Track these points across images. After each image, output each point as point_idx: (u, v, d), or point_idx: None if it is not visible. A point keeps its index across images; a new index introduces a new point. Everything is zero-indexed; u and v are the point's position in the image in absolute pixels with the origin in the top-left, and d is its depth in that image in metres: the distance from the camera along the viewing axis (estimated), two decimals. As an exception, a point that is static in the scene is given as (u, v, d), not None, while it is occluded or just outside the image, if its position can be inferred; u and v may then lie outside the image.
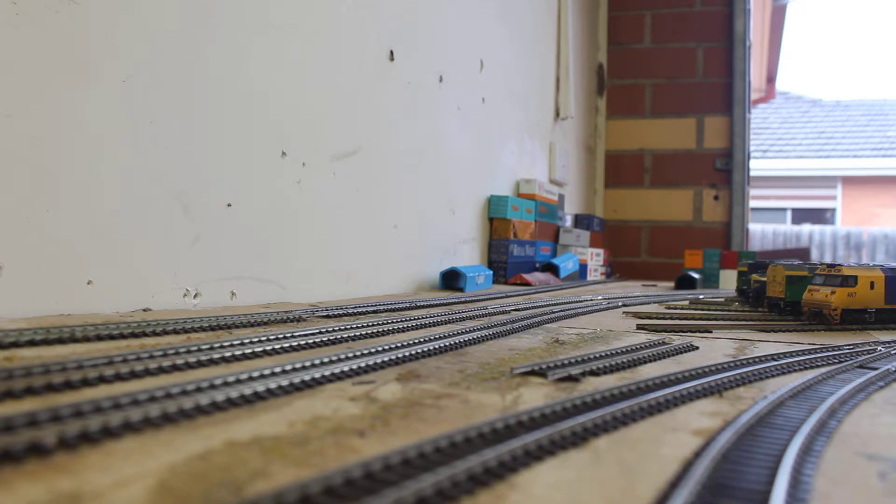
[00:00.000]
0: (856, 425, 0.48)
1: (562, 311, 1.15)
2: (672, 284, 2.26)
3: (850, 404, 0.54)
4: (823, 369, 0.66)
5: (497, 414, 0.46)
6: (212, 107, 0.98)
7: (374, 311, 1.01)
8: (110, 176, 0.83)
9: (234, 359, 0.59)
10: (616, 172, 3.16)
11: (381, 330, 0.80)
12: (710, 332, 0.99)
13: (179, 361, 0.55)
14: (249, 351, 0.61)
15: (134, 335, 0.66)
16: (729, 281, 2.15)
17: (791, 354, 0.74)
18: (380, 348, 0.64)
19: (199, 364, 0.56)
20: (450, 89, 1.70)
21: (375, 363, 0.60)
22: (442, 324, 0.92)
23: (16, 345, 0.57)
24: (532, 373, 0.60)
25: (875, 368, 0.68)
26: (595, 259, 2.52)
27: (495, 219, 1.96)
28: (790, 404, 0.51)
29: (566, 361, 0.64)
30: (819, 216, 7.97)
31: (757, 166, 6.30)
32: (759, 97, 4.99)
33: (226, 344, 0.61)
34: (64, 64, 0.78)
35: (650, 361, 0.70)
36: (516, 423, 0.42)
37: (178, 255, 0.92)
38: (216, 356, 0.58)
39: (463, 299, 1.30)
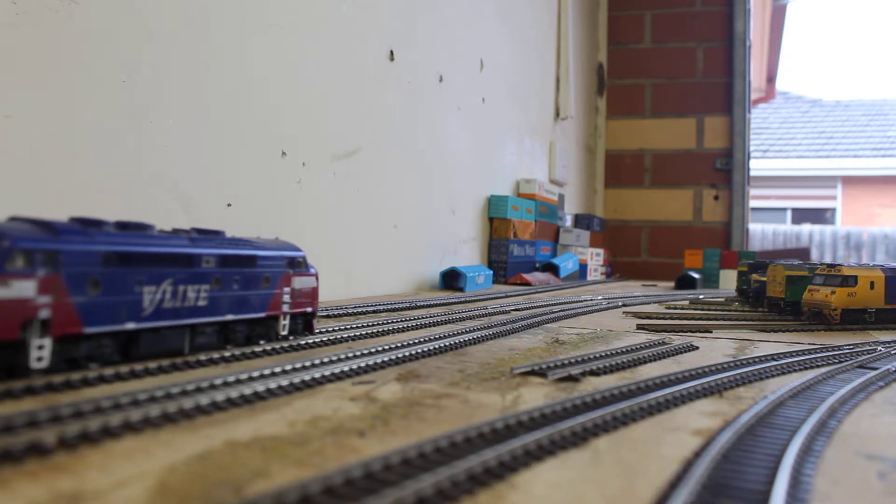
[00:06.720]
0: (856, 425, 0.48)
1: (562, 311, 1.15)
2: (672, 284, 2.26)
3: (850, 404, 0.54)
4: (823, 369, 0.66)
5: (497, 414, 0.46)
6: (212, 107, 0.98)
7: (374, 311, 1.01)
8: (110, 176, 0.83)
9: (234, 359, 0.59)
10: (616, 172, 3.16)
11: (381, 330, 0.80)
12: (710, 332, 0.99)
13: (179, 361, 0.55)
14: (249, 351, 0.61)
15: (134, 335, 0.66)
16: (729, 281, 2.15)
17: (791, 354, 0.74)
18: (380, 348, 0.64)
19: (199, 364, 0.56)
20: (450, 89, 1.70)
21: (375, 363, 0.60)
22: (442, 324, 0.92)
23: (16, 345, 0.57)
24: (532, 373, 0.60)
25: (875, 368, 0.68)
26: (595, 259, 2.52)
27: (495, 219, 1.96)
28: (790, 404, 0.51)
29: (566, 361, 0.64)
30: (819, 216, 7.96)
31: (757, 166, 6.29)
32: (759, 97, 4.99)
33: (226, 344, 0.61)
34: (64, 64, 0.78)
35: (650, 361, 0.70)
36: (516, 423, 0.42)
37: (178, 255, 0.92)
38: (216, 356, 0.58)
39: (463, 299, 1.30)
